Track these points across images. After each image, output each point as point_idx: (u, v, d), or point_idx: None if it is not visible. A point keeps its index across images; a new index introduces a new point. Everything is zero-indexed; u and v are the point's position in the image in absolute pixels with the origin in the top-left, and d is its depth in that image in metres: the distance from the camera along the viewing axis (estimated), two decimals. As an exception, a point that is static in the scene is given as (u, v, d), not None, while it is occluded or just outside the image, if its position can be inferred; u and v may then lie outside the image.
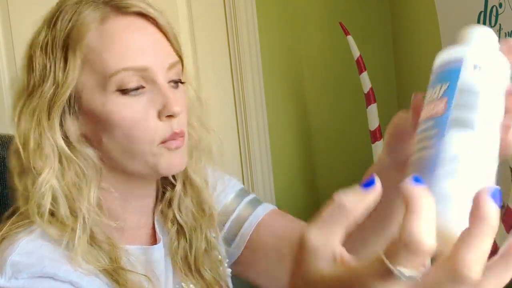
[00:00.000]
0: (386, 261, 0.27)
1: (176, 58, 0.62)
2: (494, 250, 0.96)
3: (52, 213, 0.57)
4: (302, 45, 1.65)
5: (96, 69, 0.57)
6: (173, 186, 0.68)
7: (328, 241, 0.30)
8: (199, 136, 0.68)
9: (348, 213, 0.30)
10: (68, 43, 0.58)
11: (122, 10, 0.59)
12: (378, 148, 1.25)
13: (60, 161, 0.58)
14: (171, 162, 0.60)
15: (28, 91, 0.59)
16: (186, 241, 0.68)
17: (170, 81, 0.60)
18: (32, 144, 0.57)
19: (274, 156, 1.64)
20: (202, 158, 0.69)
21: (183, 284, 0.67)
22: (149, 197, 0.67)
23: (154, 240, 0.67)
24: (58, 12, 0.60)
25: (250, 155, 1.62)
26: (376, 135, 1.25)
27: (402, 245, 0.27)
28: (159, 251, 0.66)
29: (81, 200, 0.57)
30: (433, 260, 0.30)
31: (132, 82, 0.57)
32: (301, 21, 1.65)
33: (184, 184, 0.68)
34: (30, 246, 0.55)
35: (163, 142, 0.59)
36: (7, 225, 0.58)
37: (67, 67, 0.57)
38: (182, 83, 0.63)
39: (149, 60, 0.58)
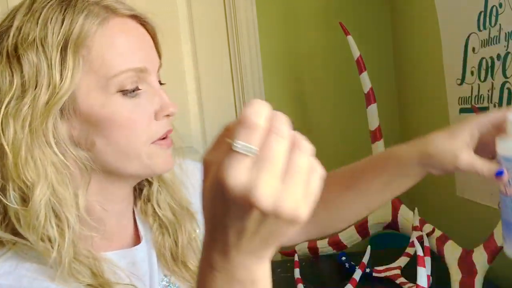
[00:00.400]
0: (228, 140, 0.34)
1: (159, 60, 0.63)
2: (494, 249, 0.97)
3: (37, 229, 0.52)
4: (302, 45, 1.65)
5: (96, 71, 0.56)
6: (149, 183, 0.68)
7: (215, 156, 0.35)
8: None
9: (228, 132, 0.35)
10: (67, 44, 0.55)
11: (116, 12, 0.58)
12: (378, 148, 1.25)
13: (53, 170, 0.54)
14: (166, 161, 0.60)
15: (12, 94, 0.54)
16: (170, 236, 0.68)
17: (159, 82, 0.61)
18: (23, 153, 0.53)
19: (274, 156, 1.64)
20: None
21: (167, 278, 0.68)
22: (128, 199, 0.66)
23: (137, 240, 0.67)
24: (43, 12, 0.56)
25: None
26: (376, 135, 1.25)
27: (237, 124, 0.34)
28: (142, 251, 0.65)
29: (70, 209, 0.54)
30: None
31: (132, 83, 0.57)
32: (301, 21, 1.65)
33: (158, 181, 0.68)
34: (5, 267, 0.52)
35: (156, 140, 0.59)
36: None
37: (66, 69, 0.54)
38: (162, 84, 0.63)
39: (146, 61, 0.59)
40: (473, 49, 1.14)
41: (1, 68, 0.55)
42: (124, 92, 0.56)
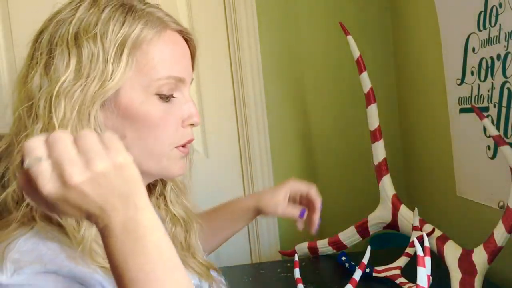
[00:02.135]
0: (20, 168, 0.43)
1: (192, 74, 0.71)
2: (494, 249, 0.97)
3: None
4: (302, 45, 1.65)
5: (144, 72, 0.63)
6: (163, 182, 0.77)
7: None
8: None
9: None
10: (124, 44, 0.61)
11: (168, 25, 0.66)
12: (378, 148, 1.25)
13: None
14: (181, 167, 0.69)
15: (68, 74, 0.59)
16: (182, 228, 0.78)
17: None
18: None
19: (274, 156, 1.64)
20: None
21: None
22: None
23: None
24: (105, 12, 0.62)
25: (250, 155, 1.62)
26: (376, 135, 1.25)
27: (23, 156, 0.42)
28: None
29: None
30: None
31: (169, 90, 0.65)
32: (301, 21, 1.65)
33: (172, 182, 0.78)
34: (28, 245, 0.56)
35: (179, 146, 0.67)
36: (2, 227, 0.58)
37: (120, 65, 0.60)
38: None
39: (186, 73, 0.67)
40: (473, 49, 1.14)
41: (60, 50, 0.60)
42: (160, 95, 0.64)
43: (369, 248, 0.88)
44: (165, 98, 0.64)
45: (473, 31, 1.13)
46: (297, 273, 0.93)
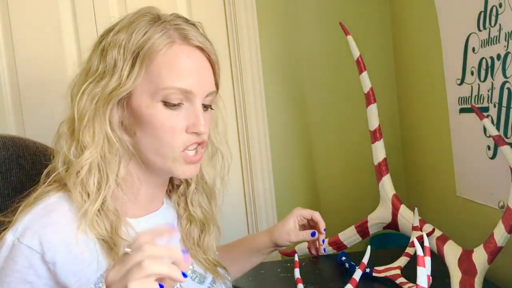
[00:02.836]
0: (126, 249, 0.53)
1: (214, 88, 0.76)
2: (494, 249, 0.97)
3: (82, 181, 0.70)
4: (302, 45, 1.65)
5: (152, 80, 0.70)
6: (187, 183, 0.86)
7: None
8: (216, 148, 0.86)
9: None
10: (139, 53, 0.70)
11: (186, 40, 0.73)
12: (378, 148, 1.25)
13: (104, 141, 0.71)
14: (185, 171, 0.75)
15: (95, 76, 0.71)
16: (197, 227, 0.86)
17: (203, 104, 0.74)
18: (85, 121, 0.70)
19: (274, 156, 1.64)
20: (214, 165, 0.87)
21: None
22: (160, 187, 0.82)
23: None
24: (136, 23, 0.72)
25: (250, 155, 1.62)
26: (376, 135, 1.25)
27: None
28: (155, 218, 0.80)
29: (112, 170, 0.71)
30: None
31: (175, 99, 0.71)
32: (301, 21, 1.65)
33: (197, 184, 0.86)
34: (44, 211, 0.68)
35: (185, 150, 0.73)
36: (42, 187, 0.72)
37: (133, 72, 0.70)
38: (212, 109, 0.78)
39: (193, 86, 0.72)
40: (473, 49, 1.14)
41: (95, 56, 0.73)
42: (165, 103, 0.71)
43: (369, 248, 0.88)
44: (171, 106, 0.71)
45: (473, 31, 1.13)
46: (297, 273, 0.93)
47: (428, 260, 0.69)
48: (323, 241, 1.00)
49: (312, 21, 1.65)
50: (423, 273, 0.66)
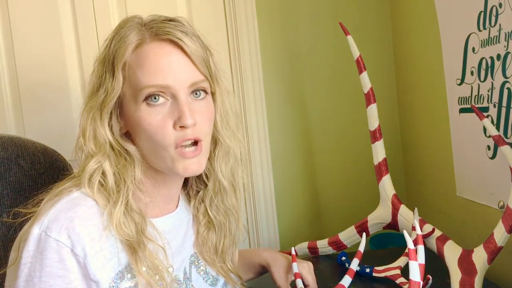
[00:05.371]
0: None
1: (200, 77, 0.75)
2: (494, 249, 0.96)
3: (101, 185, 0.72)
4: (302, 45, 1.65)
5: (132, 83, 0.72)
6: (206, 185, 0.87)
7: None
8: (229, 143, 0.84)
9: None
10: (114, 60, 0.72)
11: (157, 36, 0.73)
12: (378, 148, 1.25)
13: (111, 149, 0.74)
14: (186, 167, 0.74)
15: (91, 95, 0.75)
16: (215, 233, 0.87)
17: (194, 92, 0.74)
18: (88, 134, 0.74)
19: (274, 156, 1.64)
20: (230, 164, 0.86)
21: (196, 255, 0.86)
22: (176, 188, 0.83)
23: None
24: (115, 33, 0.74)
25: (250, 155, 1.62)
26: (376, 135, 1.25)
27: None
28: (170, 219, 0.82)
29: (127, 176, 0.73)
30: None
31: (156, 96, 0.71)
32: (301, 21, 1.65)
33: (214, 184, 0.86)
34: (69, 205, 0.69)
35: (178, 147, 0.72)
36: (67, 182, 0.74)
37: (114, 79, 0.72)
38: (206, 93, 0.76)
39: (169, 80, 0.71)
40: (473, 49, 1.14)
41: (91, 77, 0.77)
42: (148, 103, 0.71)
43: (364, 235, 0.88)
44: (154, 104, 0.71)
45: (473, 31, 1.13)
46: (295, 267, 0.93)
47: (421, 248, 0.67)
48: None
49: (312, 21, 1.65)
50: (415, 266, 0.64)
